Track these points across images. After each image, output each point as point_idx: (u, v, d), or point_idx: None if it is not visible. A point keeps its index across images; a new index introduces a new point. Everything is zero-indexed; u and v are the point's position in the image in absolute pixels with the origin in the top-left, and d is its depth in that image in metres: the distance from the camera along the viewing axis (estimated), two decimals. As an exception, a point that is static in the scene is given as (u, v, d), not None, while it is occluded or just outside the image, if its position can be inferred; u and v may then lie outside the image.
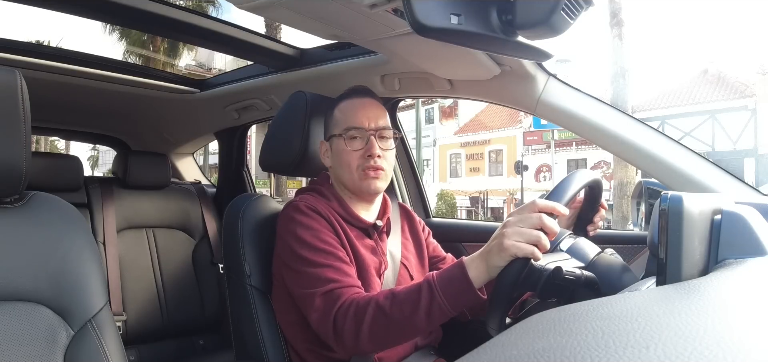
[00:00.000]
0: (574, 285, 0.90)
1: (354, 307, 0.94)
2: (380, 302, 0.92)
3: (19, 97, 0.79)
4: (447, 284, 0.89)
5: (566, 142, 16.91)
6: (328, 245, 1.03)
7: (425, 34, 0.66)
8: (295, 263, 1.03)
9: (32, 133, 0.83)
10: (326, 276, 0.99)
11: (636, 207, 1.78)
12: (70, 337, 0.82)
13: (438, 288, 0.89)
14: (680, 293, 0.38)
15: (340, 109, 1.14)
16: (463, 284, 0.88)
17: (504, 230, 0.84)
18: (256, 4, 1.01)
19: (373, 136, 1.10)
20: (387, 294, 0.93)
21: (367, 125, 1.10)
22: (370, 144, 1.09)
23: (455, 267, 0.90)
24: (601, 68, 43.05)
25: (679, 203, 0.52)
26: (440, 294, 0.88)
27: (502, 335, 0.33)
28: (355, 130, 1.10)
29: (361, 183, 1.11)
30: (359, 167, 1.10)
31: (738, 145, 14.04)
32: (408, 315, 0.90)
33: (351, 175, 1.11)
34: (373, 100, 1.16)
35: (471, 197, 18.55)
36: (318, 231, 1.04)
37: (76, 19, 1.42)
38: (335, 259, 1.01)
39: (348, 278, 1.00)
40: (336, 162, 1.14)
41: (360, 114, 1.11)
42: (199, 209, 2.19)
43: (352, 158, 1.10)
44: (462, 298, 0.88)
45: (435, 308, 0.88)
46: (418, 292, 0.90)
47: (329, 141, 1.16)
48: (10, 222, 0.83)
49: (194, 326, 2.07)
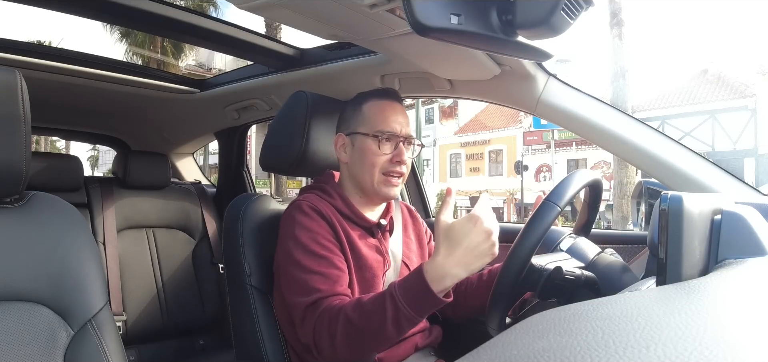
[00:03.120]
0: (574, 285, 0.90)
1: (327, 318, 0.95)
2: (349, 313, 0.93)
3: (19, 97, 0.79)
4: (407, 293, 0.89)
5: (566, 142, 16.90)
6: (324, 249, 1.03)
7: (425, 34, 0.66)
8: (288, 265, 1.04)
9: (32, 133, 0.83)
10: (313, 284, 0.99)
11: (636, 207, 1.78)
12: (70, 337, 0.82)
13: (400, 298, 0.89)
14: (680, 293, 0.38)
15: (370, 108, 1.13)
16: (424, 294, 0.88)
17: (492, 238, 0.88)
18: (256, 4, 1.01)
19: (402, 143, 1.11)
20: (355, 305, 0.94)
21: (399, 131, 1.11)
22: (400, 150, 1.11)
23: (415, 277, 0.90)
24: (601, 68, 43.07)
25: (679, 203, 0.52)
26: (403, 304, 0.88)
27: (502, 335, 0.33)
28: (389, 133, 1.10)
29: (380, 187, 1.11)
30: (383, 170, 1.10)
31: (738, 145, 14.03)
32: (376, 326, 0.90)
33: (372, 177, 1.10)
34: (402, 106, 1.17)
35: (471, 197, 18.53)
36: (316, 233, 1.04)
37: (76, 19, 1.42)
38: (328, 265, 1.01)
39: (334, 286, 1.00)
40: (357, 159, 1.12)
41: (392, 118, 1.11)
42: (199, 209, 2.19)
43: (380, 160, 1.10)
44: (426, 306, 0.89)
45: (401, 317, 0.89)
46: (383, 303, 0.90)
47: (350, 136, 1.14)
48: (10, 222, 0.83)
49: (194, 326, 2.07)
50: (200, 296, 2.10)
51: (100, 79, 1.77)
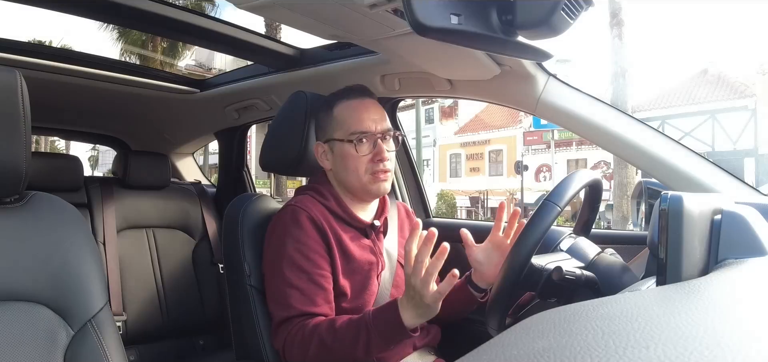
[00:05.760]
0: (574, 285, 0.90)
1: (300, 337, 1.00)
2: (323, 335, 0.98)
3: (19, 97, 0.79)
4: (382, 326, 0.95)
5: (566, 142, 16.90)
6: (307, 261, 1.04)
7: (425, 34, 0.66)
8: (271, 273, 1.07)
9: (32, 133, 0.83)
10: (289, 300, 1.03)
11: (636, 207, 1.78)
12: (70, 337, 0.82)
13: (373, 329, 0.95)
14: (680, 293, 0.38)
15: (340, 111, 1.12)
16: (396, 327, 0.94)
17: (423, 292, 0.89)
18: (256, 4, 1.01)
19: (380, 140, 1.10)
20: (328, 328, 0.98)
21: (374, 129, 1.10)
22: (379, 148, 1.09)
23: (389, 310, 0.96)
24: (601, 68, 43.03)
25: (679, 203, 0.52)
26: (376, 334, 0.95)
27: (502, 335, 0.33)
28: (363, 134, 1.09)
29: (370, 187, 1.11)
30: (368, 171, 1.10)
31: (738, 145, 14.03)
32: (348, 350, 0.97)
33: (359, 180, 1.10)
34: (373, 100, 1.15)
35: (471, 197, 18.55)
36: (302, 244, 1.05)
37: (77, 19, 1.42)
38: (307, 281, 1.03)
39: (309, 305, 1.03)
40: (340, 166, 1.12)
41: (364, 117, 1.10)
42: (199, 209, 2.18)
43: (361, 163, 1.09)
44: (395, 338, 0.96)
45: (372, 346, 0.96)
46: (357, 331, 0.96)
47: (328, 143, 1.14)
48: (10, 223, 0.83)
49: (194, 326, 2.07)
50: (200, 296, 2.10)
51: (101, 79, 1.77)
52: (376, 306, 1.02)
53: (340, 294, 1.07)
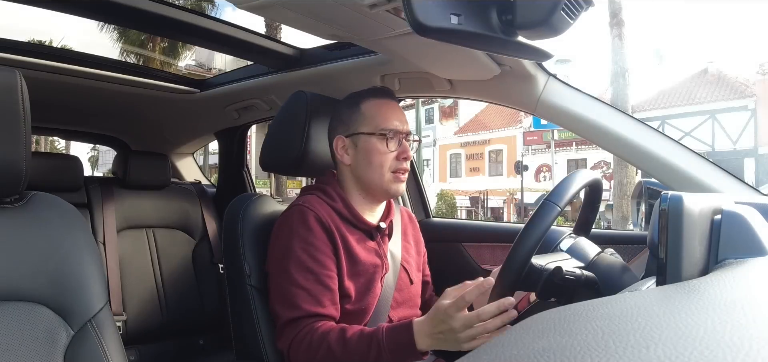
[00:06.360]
0: (574, 285, 0.90)
1: (308, 341, 0.99)
2: (332, 344, 0.97)
3: (19, 97, 0.79)
4: (395, 346, 0.95)
5: (566, 142, 16.90)
6: (315, 262, 1.04)
7: (425, 34, 0.66)
8: (277, 272, 1.06)
9: (32, 133, 0.83)
10: (297, 300, 1.02)
11: (636, 207, 1.78)
12: (70, 337, 0.82)
13: (385, 348, 0.95)
14: (680, 293, 0.38)
15: (369, 107, 1.14)
16: (409, 349, 0.94)
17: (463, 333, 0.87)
18: (256, 4, 1.01)
19: (405, 140, 1.13)
20: (339, 338, 0.97)
21: (401, 128, 1.13)
22: (405, 146, 1.13)
23: (404, 332, 0.95)
24: (601, 68, 43.04)
25: (679, 203, 0.52)
26: (387, 352, 0.95)
27: (502, 335, 0.33)
28: (393, 131, 1.11)
29: (389, 186, 1.12)
30: (391, 169, 1.11)
31: (738, 145, 14.04)
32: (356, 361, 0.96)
33: (381, 176, 1.11)
34: (397, 103, 1.19)
35: (471, 197, 18.56)
36: (310, 244, 1.05)
37: (77, 19, 1.41)
38: (315, 281, 1.03)
39: (317, 306, 1.02)
40: (362, 160, 1.12)
41: (393, 116, 1.13)
42: (199, 209, 2.18)
43: (387, 159, 1.11)
44: (406, 357, 0.96)
45: (382, 361, 0.96)
46: (368, 346, 0.96)
47: (352, 138, 1.14)
48: (10, 222, 0.83)
49: (194, 326, 2.07)
50: (200, 296, 2.10)
51: (101, 79, 1.77)
52: (390, 324, 1.01)
53: (344, 295, 1.07)
